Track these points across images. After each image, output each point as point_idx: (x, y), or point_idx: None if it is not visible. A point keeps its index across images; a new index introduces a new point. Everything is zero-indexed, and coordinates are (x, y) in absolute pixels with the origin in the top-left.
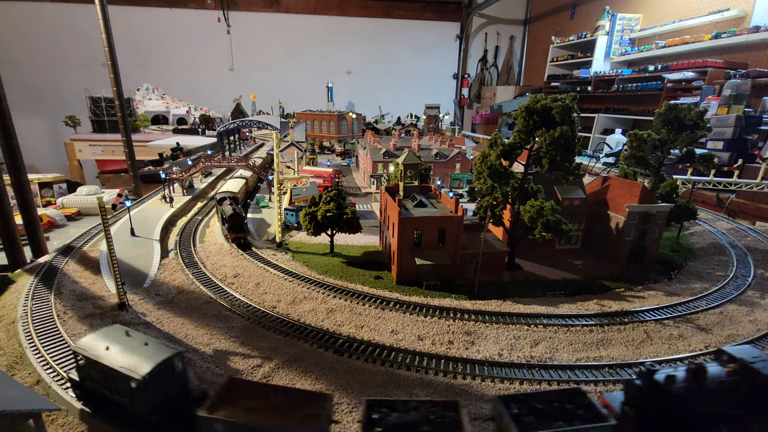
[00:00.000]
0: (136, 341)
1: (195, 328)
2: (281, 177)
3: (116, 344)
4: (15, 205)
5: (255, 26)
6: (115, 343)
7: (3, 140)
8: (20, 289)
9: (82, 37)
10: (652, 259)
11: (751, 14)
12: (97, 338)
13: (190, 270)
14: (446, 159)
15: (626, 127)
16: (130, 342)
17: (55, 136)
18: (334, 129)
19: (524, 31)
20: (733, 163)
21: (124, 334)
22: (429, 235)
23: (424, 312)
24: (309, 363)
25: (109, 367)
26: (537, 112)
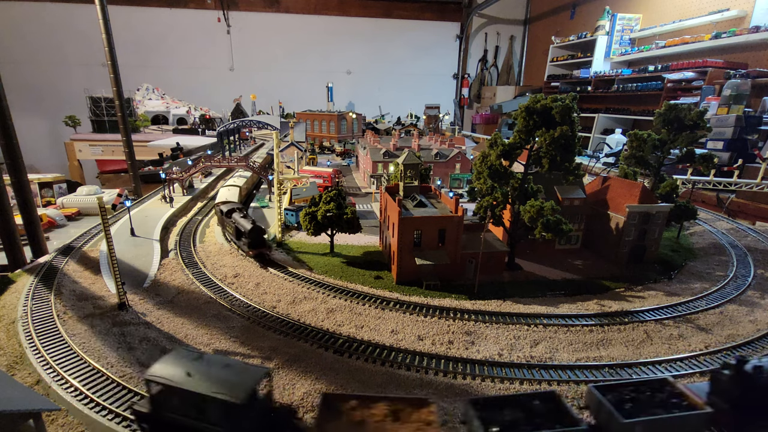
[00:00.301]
0: (215, 364)
1: (195, 328)
2: (281, 177)
3: (196, 369)
4: (15, 205)
5: (255, 26)
6: (194, 368)
7: (3, 140)
8: (20, 289)
9: (82, 37)
10: (652, 259)
11: (751, 14)
12: (170, 364)
13: (190, 270)
14: (446, 159)
15: (626, 127)
16: (209, 365)
17: (55, 136)
18: (334, 129)
19: (524, 31)
20: (733, 163)
21: (197, 357)
22: (429, 235)
23: (424, 312)
24: (309, 363)
25: (200, 393)
26: (537, 112)
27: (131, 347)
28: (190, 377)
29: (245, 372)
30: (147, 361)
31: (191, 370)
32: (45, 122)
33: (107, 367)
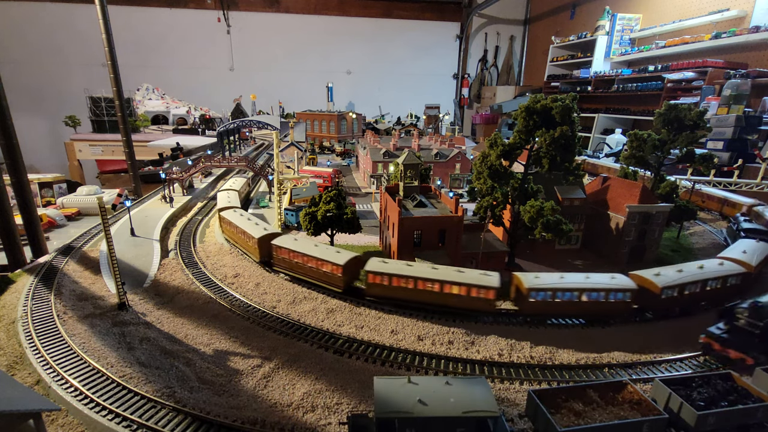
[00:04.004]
0: (434, 385)
1: (195, 328)
2: (281, 177)
3: (423, 395)
4: (15, 205)
5: (255, 26)
6: (421, 396)
7: (3, 140)
8: (20, 289)
9: (82, 37)
10: (652, 259)
11: (751, 14)
12: (392, 396)
13: (190, 270)
14: (446, 159)
15: (626, 127)
16: (430, 387)
17: (55, 136)
18: (334, 129)
19: (524, 31)
20: (733, 163)
21: (407, 382)
22: (429, 235)
23: (424, 312)
24: (309, 363)
25: (452, 417)
26: (537, 112)
27: (131, 347)
28: (427, 405)
29: (472, 384)
30: (147, 361)
31: (420, 398)
32: (45, 122)
33: (107, 367)
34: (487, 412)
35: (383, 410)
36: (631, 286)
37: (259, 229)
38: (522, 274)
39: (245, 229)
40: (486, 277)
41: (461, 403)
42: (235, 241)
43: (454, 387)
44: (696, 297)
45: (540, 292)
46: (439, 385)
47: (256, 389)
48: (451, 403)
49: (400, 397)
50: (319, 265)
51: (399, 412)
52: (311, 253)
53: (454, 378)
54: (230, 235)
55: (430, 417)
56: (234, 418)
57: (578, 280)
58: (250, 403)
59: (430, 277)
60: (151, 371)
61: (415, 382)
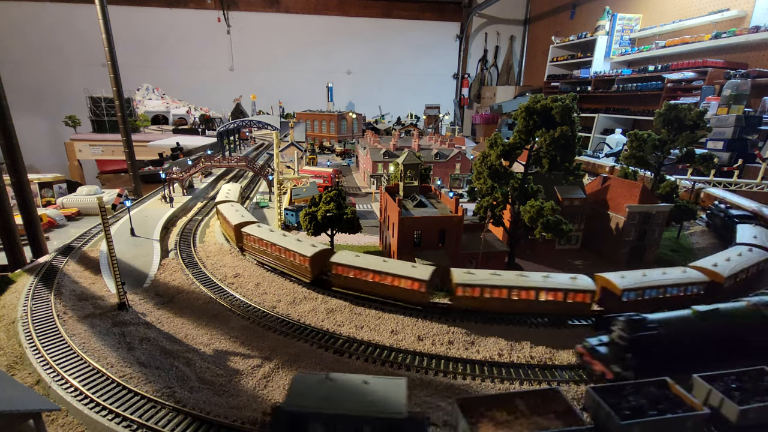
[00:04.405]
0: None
1: (195, 328)
2: (281, 177)
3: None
4: (15, 205)
5: (255, 26)
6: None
7: (3, 140)
8: (20, 289)
9: (82, 37)
10: (652, 259)
11: (751, 14)
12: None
13: (190, 270)
14: (446, 159)
15: (626, 127)
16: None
17: (55, 136)
18: (334, 129)
19: (524, 31)
20: (733, 163)
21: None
22: (429, 235)
23: (424, 312)
24: (309, 363)
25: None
26: (537, 112)
27: (131, 347)
28: (333, 401)
29: (389, 385)
30: (147, 361)
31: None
32: (45, 122)
33: (107, 367)
34: (391, 413)
35: (291, 404)
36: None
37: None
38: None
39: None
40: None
41: (369, 403)
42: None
43: (370, 387)
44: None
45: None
46: (356, 383)
47: (256, 389)
48: (359, 402)
49: (312, 393)
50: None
51: (306, 406)
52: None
53: (374, 377)
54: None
55: (335, 414)
56: (234, 418)
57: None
58: (250, 403)
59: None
60: (151, 371)
61: (333, 379)
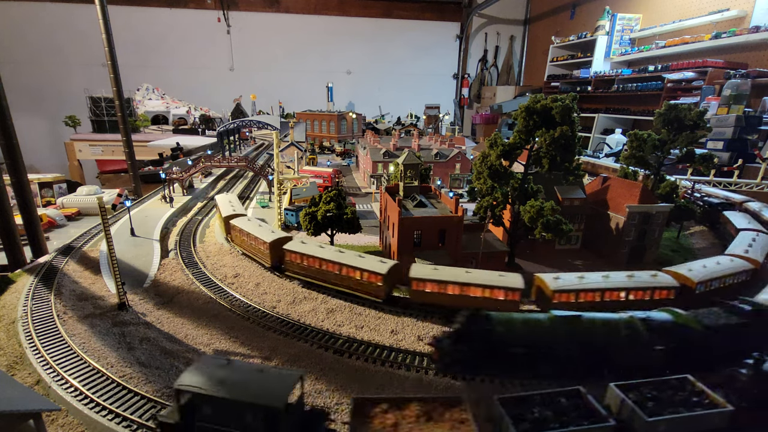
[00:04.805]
0: (248, 370)
1: (195, 328)
2: (281, 177)
3: (230, 376)
4: (15, 205)
5: (255, 26)
6: (227, 376)
7: (3, 140)
8: (20, 289)
9: (82, 37)
10: (652, 260)
11: (751, 14)
12: (201, 372)
13: (190, 270)
14: (446, 159)
15: (626, 127)
16: (242, 372)
17: (55, 136)
18: (334, 129)
19: (524, 31)
20: (733, 163)
21: (227, 364)
22: (429, 235)
23: (424, 312)
24: (309, 363)
25: (237, 401)
26: (537, 112)
27: (131, 347)
28: (225, 384)
29: (280, 377)
30: (147, 361)
31: (225, 378)
32: (45, 122)
33: (107, 367)
34: (269, 402)
35: (182, 382)
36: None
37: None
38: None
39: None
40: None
41: (255, 391)
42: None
43: (262, 375)
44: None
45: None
46: (251, 371)
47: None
48: (246, 389)
49: (209, 375)
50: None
51: (196, 387)
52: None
53: (271, 368)
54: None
55: (221, 397)
56: None
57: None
58: None
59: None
60: (151, 371)
61: (233, 364)
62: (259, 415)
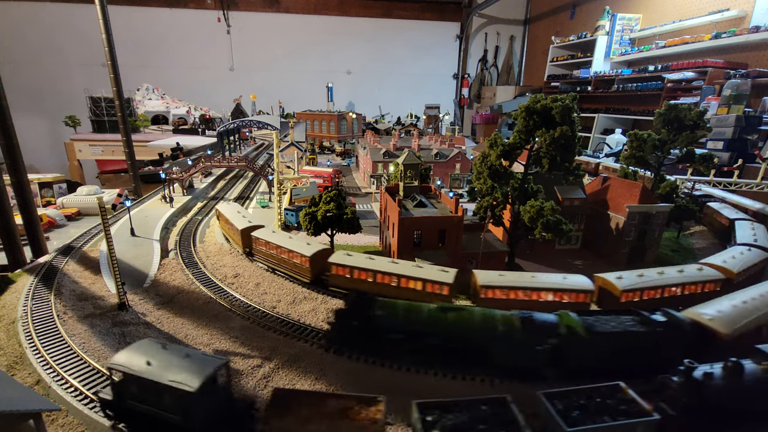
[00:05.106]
0: (176, 354)
1: (195, 328)
2: (281, 177)
3: (156, 358)
4: (15, 205)
5: (255, 26)
6: (154, 357)
7: (3, 140)
8: (20, 289)
9: (82, 37)
10: (652, 260)
11: (751, 14)
12: (133, 353)
13: (190, 270)
14: (446, 159)
15: (626, 127)
16: (170, 354)
17: (55, 136)
18: (334, 129)
19: (524, 31)
20: (733, 163)
21: (161, 347)
22: (429, 235)
23: None
24: (309, 363)
25: (156, 382)
26: (537, 112)
27: None
28: (150, 366)
29: (203, 362)
30: None
31: (152, 359)
32: (45, 122)
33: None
34: (182, 385)
35: (114, 361)
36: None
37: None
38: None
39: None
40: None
41: (173, 374)
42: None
43: (187, 360)
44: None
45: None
46: (178, 355)
47: (256, 389)
48: (165, 372)
49: (138, 356)
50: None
51: (123, 366)
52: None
53: (199, 353)
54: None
55: (142, 377)
56: None
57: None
58: None
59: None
60: None
61: (167, 348)
62: (174, 397)
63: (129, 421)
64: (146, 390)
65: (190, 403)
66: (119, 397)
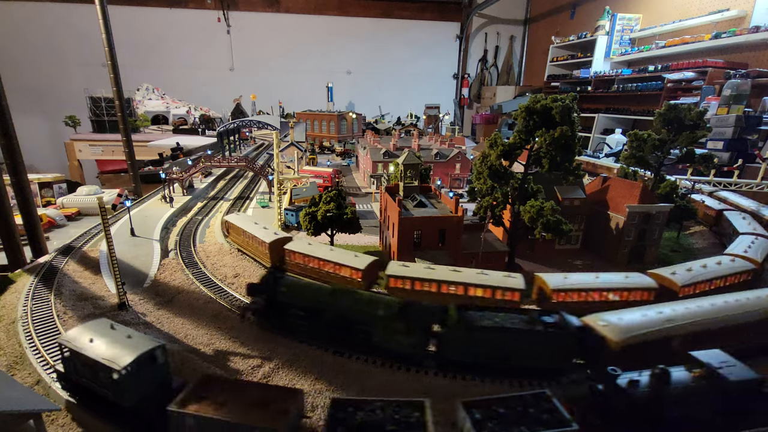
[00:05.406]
0: (120, 334)
1: (195, 328)
2: (281, 177)
3: (100, 336)
4: (15, 205)
5: (255, 26)
6: (99, 336)
7: (3, 140)
8: (20, 289)
9: (82, 37)
10: (652, 260)
11: (751, 14)
12: (83, 330)
13: (190, 270)
14: (446, 159)
15: (626, 127)
16: (114, 334)
17: (55, 136)
18: (334, 129)
19: (524, 31)
20: (733, 163)
21: (109, 327)
22: (429, 235)
23: None
24: (309, 363)
25: (92, 358)
26: (537, 112)
27: None
28: (92, 343)
29: (138, 343)
30: None
31: (96, 337)
32: (45, 122)
33: None
34: (110, 363)
35: (65, 337)
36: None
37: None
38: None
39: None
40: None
41: (107, 352)
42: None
43: (127, 341)
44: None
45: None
46: (120, 335)
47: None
48: (102, 350)
49: (86, 334)
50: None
51: (70, 342)
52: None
53: (140, 334)
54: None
55: (82, 353)
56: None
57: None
58: None
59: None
60: None
61: (114, 328)
62: (106, 373)
63: (79, 394)
64: (86, 366)
65: (119, 380)
66: (68, 371)
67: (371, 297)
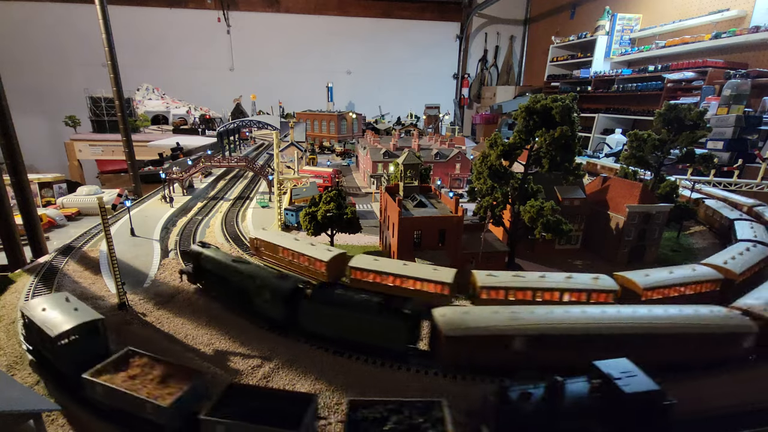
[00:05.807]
0: (69, 306)
1: (195, 328)
2: (281, 177)
3: (53, 307)
4: (15, 205)
5: (255, 26)
6: (52, 306)
7: (3, 140)
8: (20, 289)
9: (82, 37)
10: (652, 260)
11: (751, 14)
12: (41, 301)
13: None
14: (446, 159)
15: (626, 127)
16: (64, 306)
17: (55, 136)
18: (334, 129)
19: (524, 31)
20: (733, 163)
21: (65, 299)
22: (429, 236)
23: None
24: (309, 363)
25: (36, 324)
26: (537, 112)
27: None
28: (43, 312)
29: (80, 316)
30: None
31: (48, 307)
32: (45, 122)
33: None
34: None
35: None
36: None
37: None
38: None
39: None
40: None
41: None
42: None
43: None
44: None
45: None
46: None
47: None
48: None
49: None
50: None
51: (26, 310)
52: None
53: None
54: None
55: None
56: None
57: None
58: None
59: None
60: None
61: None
62: (46, 338)
63: (37, 357)
64: (34, 331)
65: (53, 345)
66: (27, 336)
67: (258, 267)
